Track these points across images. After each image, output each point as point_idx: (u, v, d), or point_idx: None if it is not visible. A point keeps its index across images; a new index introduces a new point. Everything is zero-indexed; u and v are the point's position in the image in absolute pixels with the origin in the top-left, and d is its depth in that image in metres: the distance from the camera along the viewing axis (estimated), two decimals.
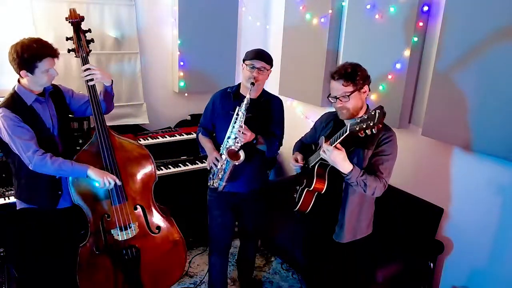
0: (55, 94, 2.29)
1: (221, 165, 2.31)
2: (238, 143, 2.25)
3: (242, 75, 2.37)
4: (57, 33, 3.06)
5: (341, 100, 1.91)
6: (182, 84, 3.69)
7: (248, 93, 2.24)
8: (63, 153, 2.20)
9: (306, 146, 2.34)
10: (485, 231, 2.42)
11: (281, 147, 2.53)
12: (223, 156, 2.29)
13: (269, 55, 2.35)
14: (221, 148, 2.35)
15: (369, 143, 1.94)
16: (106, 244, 2.30)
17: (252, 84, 2.24)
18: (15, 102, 2.10)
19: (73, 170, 2.14)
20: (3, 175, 2.69)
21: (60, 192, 2.27)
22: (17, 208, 2.29)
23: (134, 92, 3.52)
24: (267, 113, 2.44)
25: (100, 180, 2.14)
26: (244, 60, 2.34)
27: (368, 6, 2.82)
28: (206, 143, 2.50)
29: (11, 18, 2.94)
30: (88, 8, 3.14)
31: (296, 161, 2.21)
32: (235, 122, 2.27)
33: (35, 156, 2.05)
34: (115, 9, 3.28)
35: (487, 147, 2.26)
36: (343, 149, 1.84)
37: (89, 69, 2.21)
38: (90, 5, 3.14)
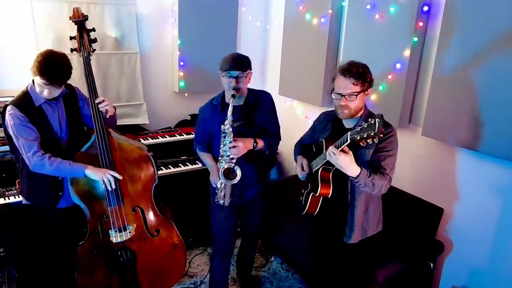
0: (69, 96, 2.30)
1: (221, 185, 2.26)
2: (233, 159, 2.18)
3: (222, 83, 2.28)
4: (57, 33, 3.06)
5: (346, 99, 1.89)
6: (182, 84, 3.69)
7: (230, 110, 2.14)
8: (68, 155, 2.20)
9: (307, 147, 2.31)
10: (485, 231, 2.42)
11: (281, 147, 2.52)
12: (221, 177, 2.21)
13: (245, 59, 2.25)
14: (218, 166, 2.27)
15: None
16: (103, 244, 2.30)
17: (233, 96, 2.16)
18: (24, 101, 2.13)
19: (72, 170, 2.15)
20: (3, 175, 2.69)
21: (61, 193, 2.28)
22: (22, 203, 2.35)
23: (134, 92, 3.52)
24: (259, 114, 2.38)
25: (99, 178, 2.15)
26: (220, 69, 2.25)
27: (368, 6, 2.82)
28: (206, 160, 2.47)
29: (11, 18, 2.95)
30: (88, 8, 3.14)
31: (302, 168, 2.18)
32: (224, 140, 2.20)
33: (34, 157, 2.07)
34: (115, 9, 3.27)
35: (487, 147, 2.26)
36: (350, 152, 1.81)
37: (104, 100, 2.24)
38: (90, 5, 3.14)
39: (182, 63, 3.63)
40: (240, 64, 2.21)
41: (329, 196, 2.04)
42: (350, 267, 2.20)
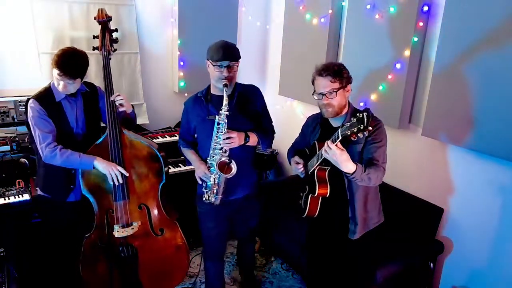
0: (89, 95, 2.38)
1: (214, 180, 2.18)
2: (226, 153, 2.13)
3: (210, 73, 2.20)
4: (57, 33, 3.07)
5: (327, 97, 1.94)
6: (182, 84, 3.69)
7: (225, 99, 2.09)
8: (82, 150, 2.26)
9: (299, 151, 2.31)
10: (485, 231, 2.42)
11: (281, 147, 2.52)
12: (215, 171, 2.15)
13: (236, 49, 2.18)
14: (208, 161, 2.22)
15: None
16: (107, 238, 2.32)
17: (225, 85, 2.10)
18: (45, 96, 2.24)
19: (81, 161, 2.21)
20: (3, 175, 2.69)
21: (72, 186, 2.36)
22: (37, 194, 2.47)
23: (134, 92, 3.52)
24: (247, 106, 2.30)
25: (106, 171, 2.20)
26: (210, 59, 2.16)
27: (368, 6, 2.82)
28: (190, 155, 2.40)
29: (11, 18, 2.94)
30: (88, 8, 3.14)
31: (298, 164, 2.18)
32: (217, 132, 2.14)
33: (47, 148, 2.17)
34: (115, 9, 3.27)
35: (487, 147, 2.26)
36: (345, 150, 1.84)
37: (119, 94, 2.31)
38: (90, 5, 3.14)
39: (182, 63, 3.63)
40: (231, 54, 2.15)
41: (327, 195, 2.06)
42: (354, 265, 2.20)
